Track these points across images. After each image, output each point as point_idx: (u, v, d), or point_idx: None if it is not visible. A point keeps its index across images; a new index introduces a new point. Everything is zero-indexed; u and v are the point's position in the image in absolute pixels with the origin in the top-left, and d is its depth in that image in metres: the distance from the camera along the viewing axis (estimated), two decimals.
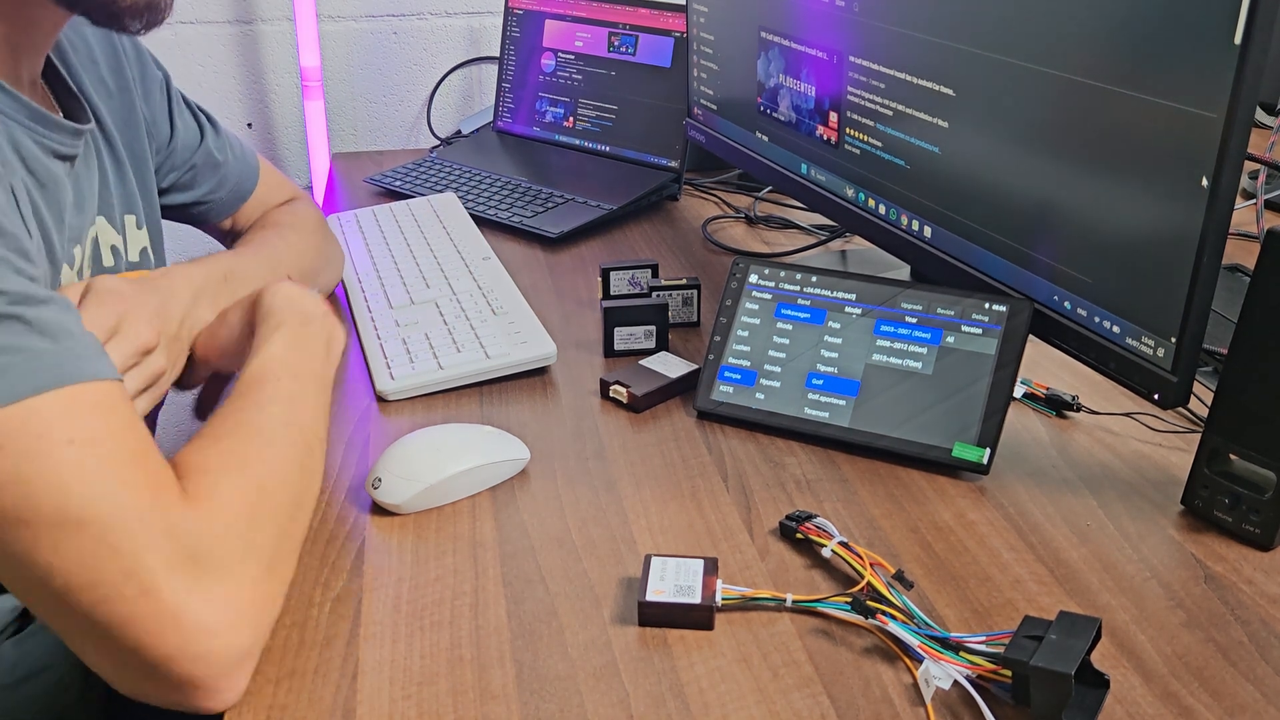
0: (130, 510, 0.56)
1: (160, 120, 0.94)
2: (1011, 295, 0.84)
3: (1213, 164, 0.66)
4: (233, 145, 1.03)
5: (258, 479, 0.63)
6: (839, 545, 0.70)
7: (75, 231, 0.78)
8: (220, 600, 0.57)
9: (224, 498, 0.61)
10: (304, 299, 0.77)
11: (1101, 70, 0.73)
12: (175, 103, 0.96)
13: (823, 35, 1.04)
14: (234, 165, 1.02)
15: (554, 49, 1.55)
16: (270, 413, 0.68)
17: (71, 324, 0.60)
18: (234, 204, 1.03)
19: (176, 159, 0.96)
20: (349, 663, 0.63)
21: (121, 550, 0.55)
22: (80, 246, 0.79)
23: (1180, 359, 0.71)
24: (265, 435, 0.66)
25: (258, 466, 0.64)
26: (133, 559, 0.55)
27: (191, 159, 0.97)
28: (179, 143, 0.96)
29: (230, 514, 0.60)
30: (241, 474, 0.63)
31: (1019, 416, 0.89)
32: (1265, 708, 0.60)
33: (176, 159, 0.96)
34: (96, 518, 0.55)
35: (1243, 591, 0.69)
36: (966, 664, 0.60)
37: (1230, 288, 1.11)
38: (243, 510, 0.61)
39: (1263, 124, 1.45)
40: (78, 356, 0.59)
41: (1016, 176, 0.82)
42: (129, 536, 0.55)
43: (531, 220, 1.31)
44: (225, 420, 0.67)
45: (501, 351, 0.95)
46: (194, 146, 0.98)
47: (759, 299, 0.91)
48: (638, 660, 0.63)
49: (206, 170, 0.99)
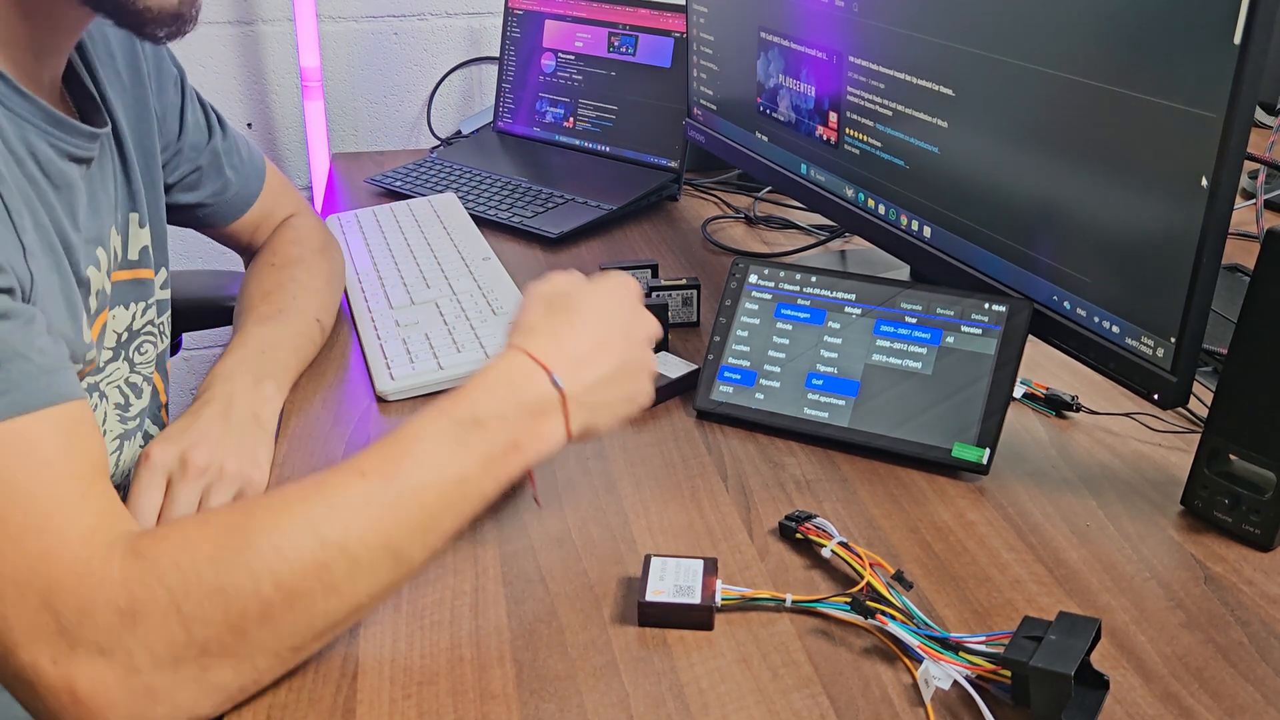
0: (5, 577, 0.53)
1: (171, 116, 0.94)
2: (1011, 295, 0.84)
3: (1212, 164, 0.66)
4: (240, 149, 1.03)
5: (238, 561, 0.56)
6: (838, 545, 0.70)
7: (94, 233, 0.78)
8: (95, 679, 0.53)
9: (160, 563, 0.55)
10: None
11: (1101, 70, 0.73)
12: (188, 100, 0.96)
13: (822, 35, 1.04)
14: (240, 169, 1.02)
15: (554, 49, 1.55)
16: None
17: (23, 343, 0.57)
18: (238, 209, 1.03)
19: (183, 156, 0.96)
20: (349, 663, 0.63)
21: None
22: (103, 248, 0.79)
23: (1180, 359, 0.71)
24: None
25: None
26: (6, 625, 0.52)
27: (198, 158, 0.98)
28: (187, 140, 0.96)
29: (158, 588, 0.54)
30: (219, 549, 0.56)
31: (1019, 416, 0.89)
32: (1265, 708, 0.60)
33: (183, 156, 0.96)
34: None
35: (1243, 592, 0.69)
36: (966, 664, 0.60)
37: (1230, 288, 1.11)
38: (178, 586, 0.54)
39: (1263, 124, 1.45)
40: (15, 385, 0.56)
41: (1016, 176, 0.82)
42: (1, 603, 0.52)
43: (531, 220, 1.31)
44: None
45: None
46: (201, 146, 0.98)
47: (759, 299, 0.91)
48: (638, 660, 0.63)
49: (212, 172, 0.99)
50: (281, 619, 0.56)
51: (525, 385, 0.64)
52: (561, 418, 0.64)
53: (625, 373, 0.68)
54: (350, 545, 0.58)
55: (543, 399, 0.64)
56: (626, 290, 0.71)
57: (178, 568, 0.55)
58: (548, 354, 0.64)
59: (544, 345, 0.65)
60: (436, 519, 0.61)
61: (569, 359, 0.65)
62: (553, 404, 0.64)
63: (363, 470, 0.60)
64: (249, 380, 0.85)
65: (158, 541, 0.57)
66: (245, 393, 0.83)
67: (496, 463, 0.62)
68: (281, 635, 0.57)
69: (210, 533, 0.57)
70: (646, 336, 0.71)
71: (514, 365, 0.64)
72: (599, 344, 0.67)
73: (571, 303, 0.69)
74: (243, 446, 0.79)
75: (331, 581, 0.57)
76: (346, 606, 0.59)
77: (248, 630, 0.56)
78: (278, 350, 0.90)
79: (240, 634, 0.55)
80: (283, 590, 0.56)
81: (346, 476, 0.60)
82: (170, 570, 0.55)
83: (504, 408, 0.62)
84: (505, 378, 0.64)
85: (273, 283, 0.98)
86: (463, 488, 0.61)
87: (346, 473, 0.60)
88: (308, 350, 0.95)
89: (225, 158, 1.00)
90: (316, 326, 0.97)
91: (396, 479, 0.60)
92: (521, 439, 0.63)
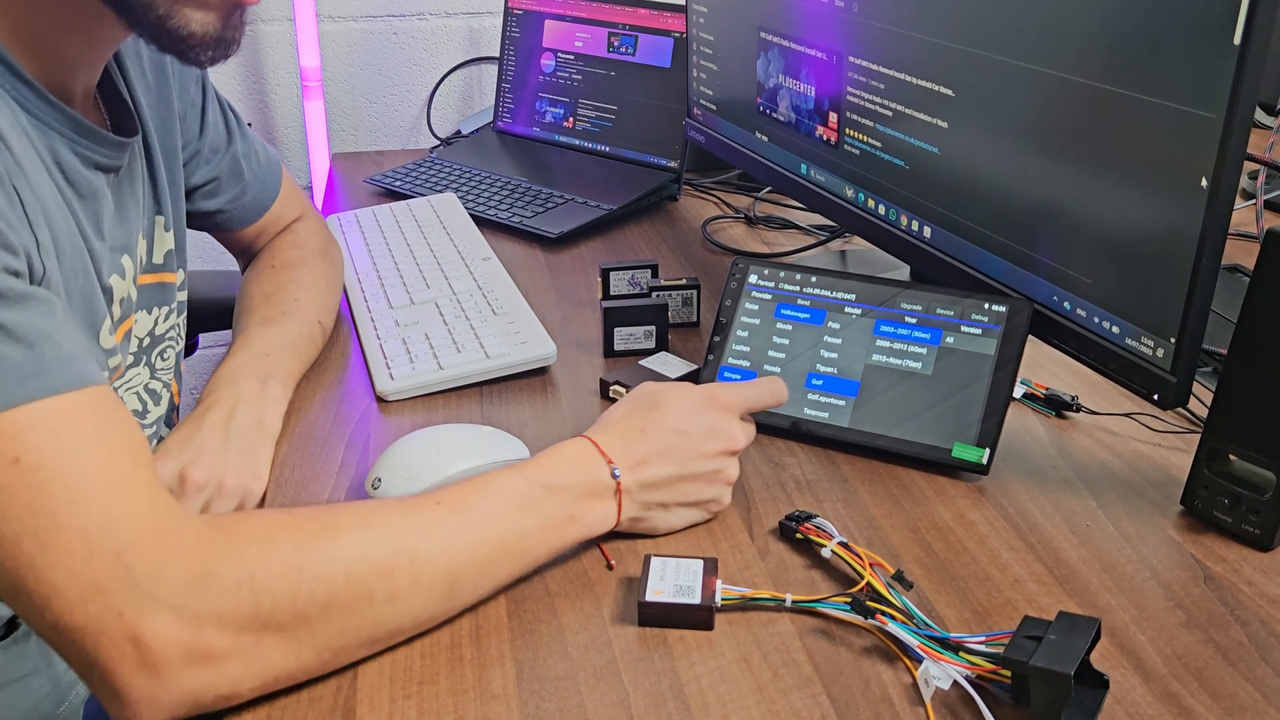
0: (70, 537, 0.54)
1: (192, 115, 0.94)
2: (1011, 295, 0.84)
3: (1212, 164, 0.66)
4: (258, 153, 1.03)
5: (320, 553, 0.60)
6: (839, 545, 0.70)
7: (121, 240, 0.78)
8: (160, 633, 0.54)
9: (241, 537, 0.58)
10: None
11: (1101, 70, 0.73)
12: (209, 99, 0.96)
13: (822, 35, 1.04)
14: (257, 174, 1.02)
15: (554, 49, 1.55)
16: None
17: (51, 325, 0.58)
18: (254, 215, 1.03)
19: (202, 158, 0.96)
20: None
21: (54, 573, 0.54)
22: (129, 255, 0.79)
23: (1180, 359, 0.71)
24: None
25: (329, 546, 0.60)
26: (70, 582, 0.54)
27: (218, 163, 0.97)
28: (207, 142, 0.96)
29: (236, 557, 0.57)
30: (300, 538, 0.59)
31: (1019, 417, 0.89)
32: (1265, 708, 0.60)
33: (202, 158, 0.96)
34: (35, 537, 0.54)
35: (1242, 592, 0.69)
36: (966, 664, 0.60)
37: (1230, 288, 1.11)
38: (256, 558, 0.57)
39: (1262, 124, 1.45)
40: (51, 365, 0.57)
41: (1016, 177, 0.83)
42: (63, 562, 0.54)
43: (531, 220, 1.31)
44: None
45: (501, 351, 0.95)
46: (221, 148, 0.97)
47: (759, 299, 0.91)
48: (638, 660, 0.63)
49: (231, 178, 0.99)
50: (341, 613, 0.59)
51: (589, 468, 0.70)
52: (615, 504, 0.71)
53: (686, 479, 0.73)
54: (418, 560, 0.62)
55: (601, 484, 0.70)
56: (715, 405, 0.75)
57: (258, 541, 0.59)
58: (613, 449, 0.71)
59: (612, 442, 0.72)
60: (493, 562, 0.66)
61: (634, 457, 0.71)
62: (608, 490, 0.70)
63: (439, 500, 0.65)
64: (254, 383, 0.85)
65: (237, 520, 0.61)
66: (250, 396, 0.83)
67: (553, 528, 0.68)
68: (334, 630, 0.60)
69: (293, 519, 0.61)
70: (722, 450, 0.74)
71: (584, 451, 0.71)
72: (663, 450, 0.72)
73: (653, 408, 0.74)
74: (243, 458, 0.79)
75: (394, 590, 0.61)
76: (397, 619, 0.62)
77: (310, 616, 0.58)
78: (281, 352, 0.90)
79: (302, 618, 0.58)
80: (352, 583, 0.59)
81: (423, 502, 0.65)
82: (250, 544, 0.58)
83: (568, 482, 0.69)
84: (576, 458, 0.71)
85: (274, 285, 0.98)
86: (521, 542, 0.67)
87: (423, 499, 0.65)
88: (310, 352, 0.95)
89: (244, 162, 1.00)
90: (318, 328, 0.97)
91: (467, 515, 0.65)
92: (577, 513, 0.69)
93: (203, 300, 1.10)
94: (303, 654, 0.59)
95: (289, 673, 0.59)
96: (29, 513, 0.54)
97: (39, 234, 0.64)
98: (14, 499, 0.54)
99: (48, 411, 0.56)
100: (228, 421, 0.81)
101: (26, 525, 0.54)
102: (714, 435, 0.73)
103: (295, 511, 0.63)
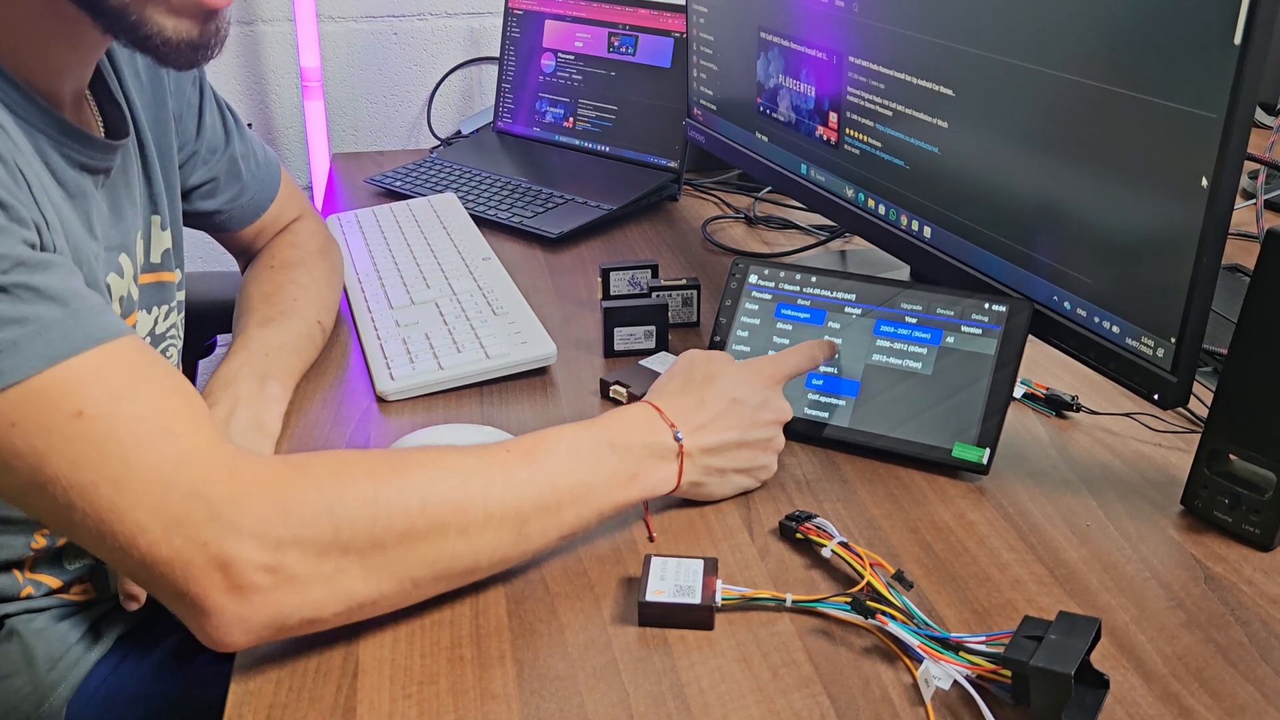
0: (145, 477, 0.56)
1: (188, 116, 0.93)
2: (1011, 295, 0.84)
3: (1212, 164, 0.66)
4: (256, 153, 1.02)
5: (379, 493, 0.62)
6: (839, 545, 0.70)
7: (117, 240, 0.78)
8: (247, 559, 0.57)
9: (315, 471, 0.60)
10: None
11: (1101, 70, 0.73)
12: (206, 99, 0.95)
13: (822, 35, 1.04)
14: (256, 174, 1.02)
15: (554, 49, 1.55)
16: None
17: (77, 284, 0.60)
18: (253, 215, 1.02)
19: (199, 158, 0.95)
20: (349, 662, 0.63)
21: (136, 513, 0.56)
22: (128, 254, 0.79)
23: (1180, 359, 0.71)
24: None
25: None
26: (152, 519, 0.56)
27: (216, 164, 0.97)
28: (204, 143, 0.95)
29: (313, 489, 0.59)
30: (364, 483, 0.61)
31: (1019, 416, 0.89)
32: (1265, 708, 0.60)
33: (199, 158, 0.95)
34: (111, 481, 0.56)
35: (1243, 592, 0.69)
36: (966, 664, 0.60)
37: (1230, 288, 1.11)
38: (333, 490, 0.60)
39: (1263, 124, 1.45)
40: (88, 319, 0.59)
41: (1016, 176, 0.83)
42: (142, 502, 0.56)
43: (531, 220, 1.31)
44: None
45: (501, 351, 0.95)
46: (219, 149, 0.97)
47: (759, 299, 0.91)
48: (638, 660, 0.63)
49: (230, 179, 0.99)
50: (417, 544, 0.62)
51: (653, 431, 0.72)
52: (676, 466, 0.73)
53: (743, 446, 0.76)
54: (490, 500, 0.64)
55: (664, 446, 0.72)
56: (763, 377, 0.79)
57: (334, 475, 0.61)
58: (675, 413, 0.74)
59: (674, 406, 0.74)
60: (560, 509, 0.67)
61: (693, 422, 0.74)
62: (671, 452, 0.73)
63: (508, 448, 0.68)
64: (253, 383, 0.85)
65: (311, 458, 0.63)
66: (249, 397, 0.83)
67: (617, 484, 0.70)
68: (411, 561, 0.62)
69: (367, 457, 0.64)
70: (774, 420, 0.78)
71: (647, 414, 0.74)
72: (722, 416, 0.75)
73: (709, 378, 0.77)
74: None
75: (466, 525, 0.63)
76: (470, 555, 0.64)
77: (387, 545, 0.61)
78: (281, 352, 0.90)
79: (380, 547, 0.60)
80: (427, 516, 0.62)
81: (494, 449, 0.67)
82: (325, 477, 0.61)
83: (633, 442, 0.71)
84: (639, 421, 0.73)
85: (273, 285, 0.98)
86: (586, 492, 0.68)
87: (494, 447, 0.68)
88: (310, 352, 0.95)
89: (243, 162, 1.00)
90: (318, 328, 0.97)
91: (536, 462, 0.67)
92: (640, 472, 0.71)
93: (218, 302, 1.09)
94: (383, 582, 0.61)
95: (371, 599, 0.62)
96: (102, 459, 0.56)
97: (45, 213, 0.64)
98: (85, 449, 0.56)
99: (96, 362, 0.58)
100: (227, 423, 0.81)
101: (101, 472, 0.56)
102: (766, 406, 0.77)
103: (369, 451, 0.65)
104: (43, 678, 0.81)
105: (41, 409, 0.55)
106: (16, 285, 0.57)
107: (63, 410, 0.56)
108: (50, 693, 0.82)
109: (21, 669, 0.80)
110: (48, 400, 0.56)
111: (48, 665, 0.81)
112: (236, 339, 0.91)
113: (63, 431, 0.56)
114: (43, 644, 0.81)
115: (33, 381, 0.55)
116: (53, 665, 0.82)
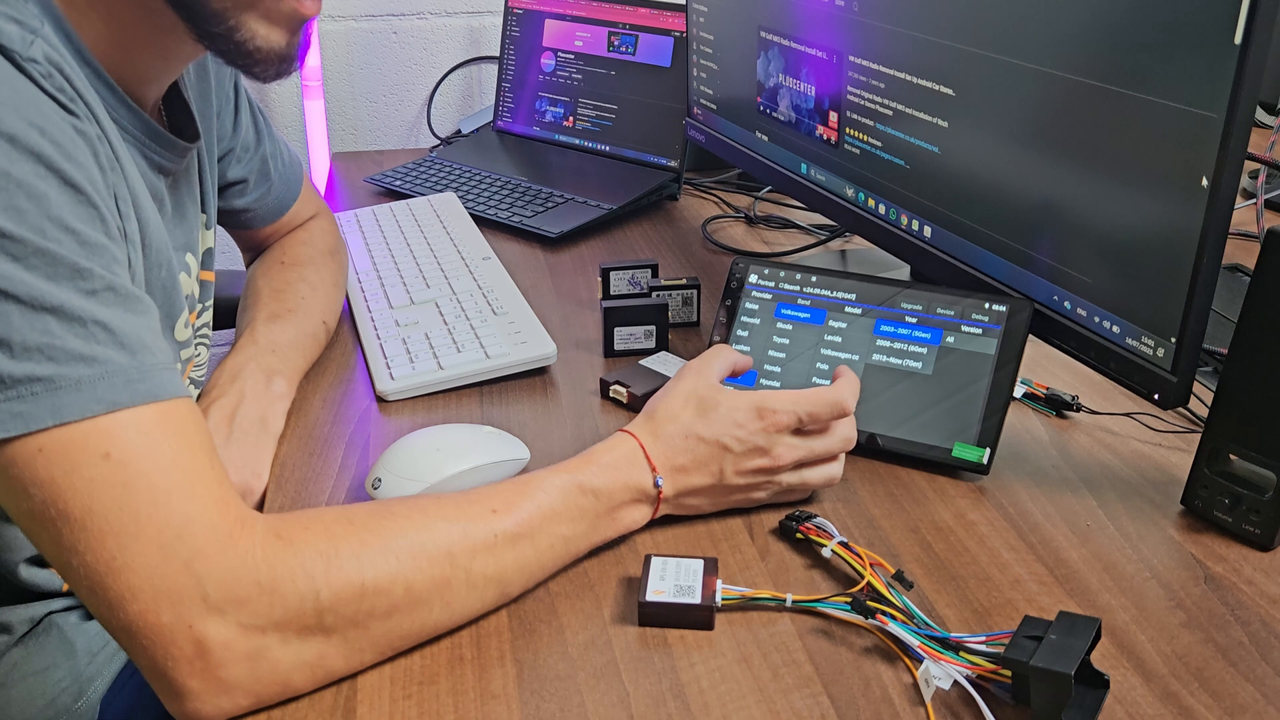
0: (149, 539, 0.56)
1: (227, 112, 0.94)
2: (1011, 295, 0.84)
3: (1213, 164, 0.66)
4: (283, 153, 1.03)
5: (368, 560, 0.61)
6: (839, 545, 0.70)
7: (183, 240, 0.79)
8: (224, 641, 0.56)
9: (305, 548, 0.59)
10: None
11: (1101, 70, 0.73)
12: (242, 98, 0.96)
13: (822, 35, 1.04)
14: (282, 174, 1.02)
15: (554, 49, 1.55)
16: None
17: (152, 330, 0.60)
18: (276, 214, 1.03)
19: (234, 156, 0.96)
20: None
21: (131, 575, 0.55)
22: (192, 253, 0.80)
23: (1180, 359, 0.71)
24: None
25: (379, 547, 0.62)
26: (144, 585, 0.55)
27: (249, 163, 0.98)
28: (239, 140, 0.96)
29: (300, 571, 0.58)
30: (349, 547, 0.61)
31: (1019, 416, 0.89)
32: (1265, 708, 0.60)
33: (234, 156, 0.96)
34: (117, 535, 0.55)
35: (1243, 592, 0.69)
36: (966, 664, 0.60)
37: (1230, 288, 1.11)
38: (321, 575, 0.59)
39: (1263, 124, 1.45)
40: (152, 374, 0.58)
41: (1016, 176, 0.82)
42: (140, 564, 0.55)
43: (531, 220, 1.31)
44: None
45: (501, 351, 0.95)
46: (251, 148, 0.98)
47: (759, 299, 0.91)
48: (638, 660, 0.63)
49: (260, 178, 1.00)
50: (400, 620, 0.61)
51: (634, 474, 0.72)
52: (652, 509, 0.73)
53: (721, 490, 0.75)
54: (473, 571, 0.64)
55: (643, 490, 0.72)
56: (764, 423, 0.73)
57: (322, 556, 0.59)
58: (658, 455, 0.73)
59: (658, 447, 0.73)
60: (540, 564, 0.67)
61: (675, 463, 0.73)
62: (649, 497, 0.73)
63: (493, 507, 0.66)
64: (259, 378, 0.85)
65: (301, 529, 0.61)
66: (255, 393, 0.84)
67: (596, 529, 0.70)
68: (393, 634, 0.62)
69: (354, 530, 0.62)
70: (762, 468, 0.74)
71: (631, 454, 0.73)
72: (707, 463, 0.73)
73: (703, 414, 0.74)
74: (244, 455, 0.79)
75: (449, 598, 0.63)
76: (450, 621, 0.64)
77: (371, 625, 0.60)
78: (288, 349, 0.90)
79: (363, 627, 0.60)
80: (411, 595, 0.61)
81: (480, 508, 0.66)
82: (314, 558, 0.59)
83: (614, 485, 0.71)
84: (622, 464, 0.72)
85: (282, 281, 0.98)
86: (567, 544, 0.69)
87: (479, 504, 0.66)
88: (314, 351, 0.95)
89: (271, 162, 1.01)
90: (323, 328, 0.97)
91: (519, 520, 0.66)
92: (617, 515, 0.72)
93: (218, 301, 1.10)
94: (365, 655, 0.61)
95: (347, 670, 0.61)
96: (116, 509, 0.55)
97: (127, 226, 0.65)
98: (103, 494, 0.55)
99: (145, 416, 0.57)
100: (231, 418, 0.81)
101: (111, 523, 0.55)
102: (759, 453, 0.73)
103: (357, 516, 0.63)
104: (82, 671, 0.82)
105: (75, 443, 0.55)
106: (95, 321, 0.56)
107: (92, 450, 0.55)
108: (88, 686, 0.82)
109: (61, 662, 0.81)
110: (84, 437, 0.55)
111: (87, 659, 0.82)
112: (244, 332, 0.91)
113: (85, 471, 0.55)
114: (82, 637, 0.82)
115: (82, 423, 0.55)
116: (91, 658, 0.83)
